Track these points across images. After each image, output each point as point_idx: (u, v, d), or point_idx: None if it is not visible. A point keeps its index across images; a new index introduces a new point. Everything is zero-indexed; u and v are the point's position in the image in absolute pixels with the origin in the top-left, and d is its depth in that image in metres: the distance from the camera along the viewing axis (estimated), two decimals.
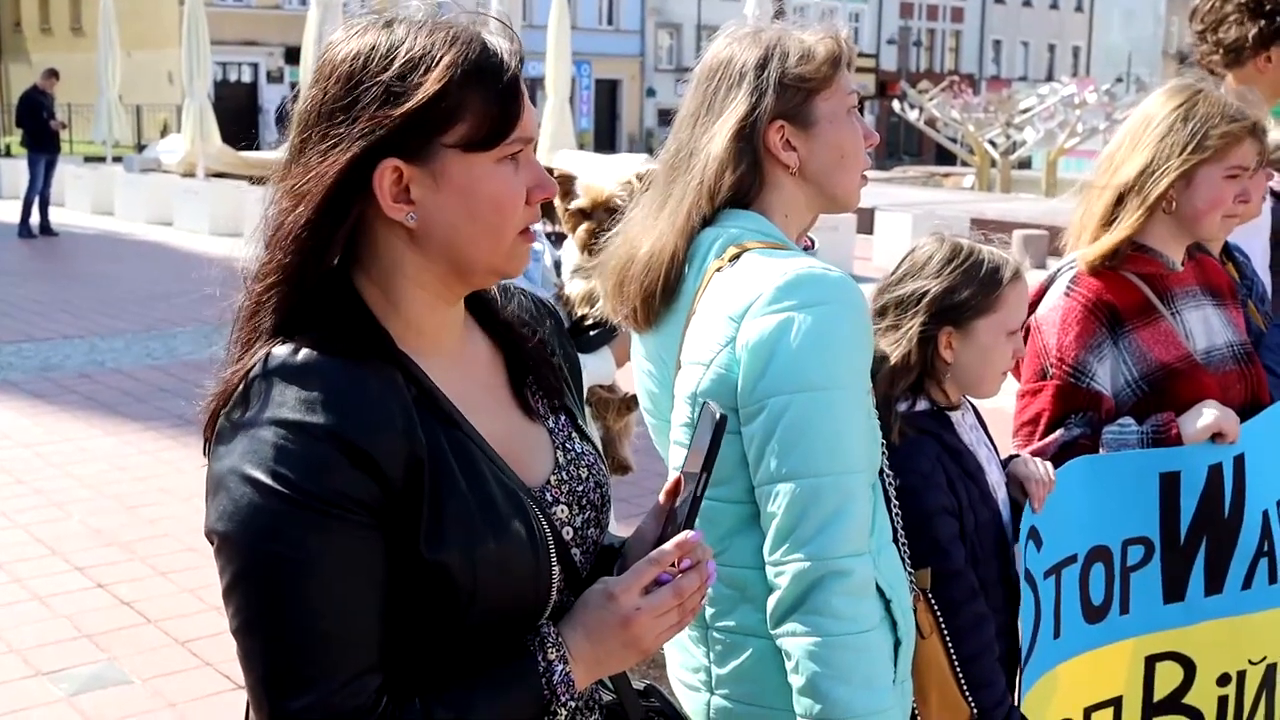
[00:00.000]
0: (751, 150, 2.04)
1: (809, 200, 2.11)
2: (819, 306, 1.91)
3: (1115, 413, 2.72)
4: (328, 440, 1.41)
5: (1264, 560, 2.78)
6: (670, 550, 1.55)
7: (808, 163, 2.06)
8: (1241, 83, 4.06)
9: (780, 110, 2.04)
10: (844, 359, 1.92)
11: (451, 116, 1.49)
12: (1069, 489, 2.55)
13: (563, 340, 1.82)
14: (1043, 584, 2.51)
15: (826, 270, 1.95)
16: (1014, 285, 2.40)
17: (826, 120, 2.06)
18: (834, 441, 1.90)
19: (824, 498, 1.89)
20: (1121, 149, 2.80)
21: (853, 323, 1.94)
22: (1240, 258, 3.42)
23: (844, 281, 1.95)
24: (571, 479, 1.68)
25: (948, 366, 2.39)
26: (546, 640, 1.54)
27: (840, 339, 1.91)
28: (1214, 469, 2.69)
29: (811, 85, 2.05)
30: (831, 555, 1.88)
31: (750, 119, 2.03)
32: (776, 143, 2.05)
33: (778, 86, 2.03)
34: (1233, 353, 2.86)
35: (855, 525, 1.90)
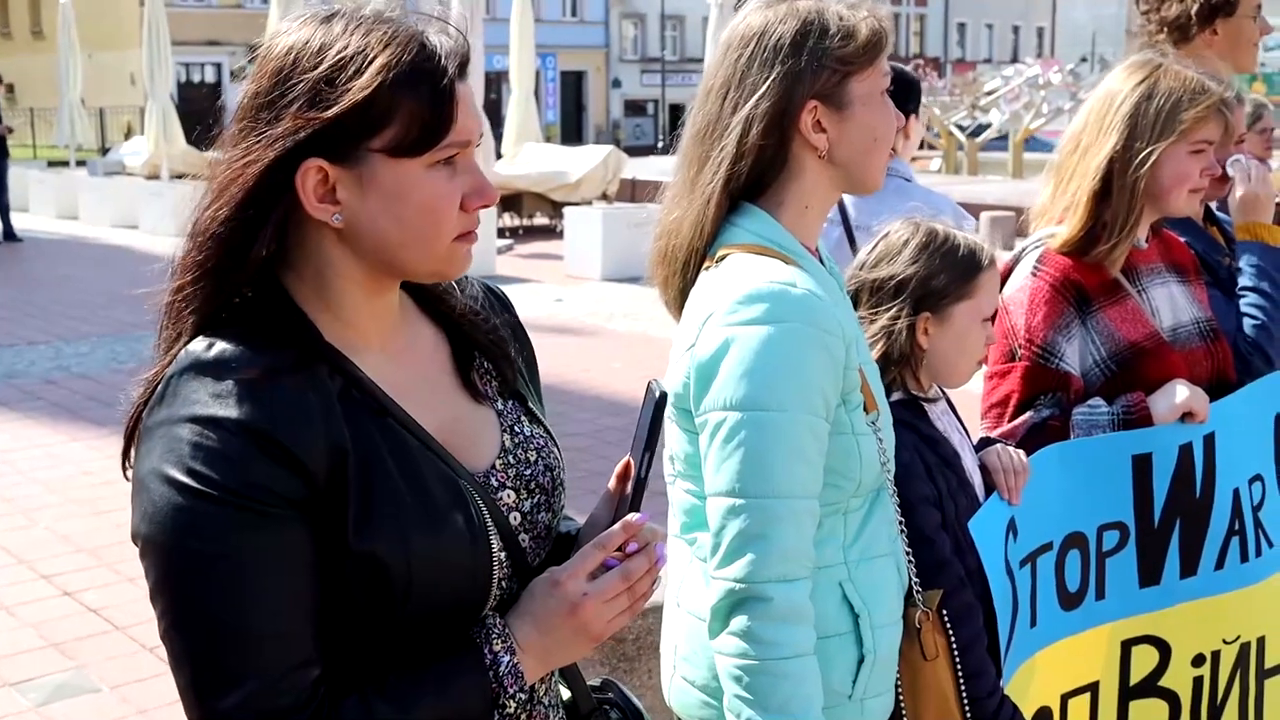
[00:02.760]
0: (781, 132, 1.96)
1: (834, 182, 2.03)
2: (775, 324, 1.85)
3: (1084, 393, 2.69)
4: (243, 434, 1.39)
5: (1235, 539, 2.76)
6: (616, 534, 1.53)
7: (837, 146, 1.98)
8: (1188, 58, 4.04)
9: (815, 91, 1.95)
10: (792, 380, 1.85)
11: (380, 121, 1.44)
12: (1042, 477, 2.52)
13: (517, 330, 1.79)
14: (1019, 573, 2.48)
15: (789, 287, 1.88)
16: (989, 271, 2.36)
17: (861, 103, 1.97)
18: (763, 464, 1.85)
19: (747, 520, 1.85)
20: (1087, 129, 2.77)
21: (809, 344, 1.86)
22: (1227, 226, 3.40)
23: (807, 300, 1.88)
24: (519, 462, 1.64)
25: (924, 354, 2.35)
26: (492, 631, 1.51)
27: (790, 359, 1.85)
28: (1184, 449, 2.67)
29: (851, 67, 1.96)
30: (752, 579, 1.84)
31: (785, 101, 1.95)
32: (808, 124, 1.96)
33: (815, 66, 1.94)
34: (1199, 329, 2.84)
35: (780, 551, 1.85)
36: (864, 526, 2.01)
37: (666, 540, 1.62)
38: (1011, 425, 2.65)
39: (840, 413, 1.94)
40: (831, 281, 2.04)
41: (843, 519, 1.99)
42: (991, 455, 2.47)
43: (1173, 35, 4.14)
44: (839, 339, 1.90)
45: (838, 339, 1.90)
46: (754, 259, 1.95)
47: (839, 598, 1.97)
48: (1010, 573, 2.43)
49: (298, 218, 1.49)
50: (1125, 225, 2.68)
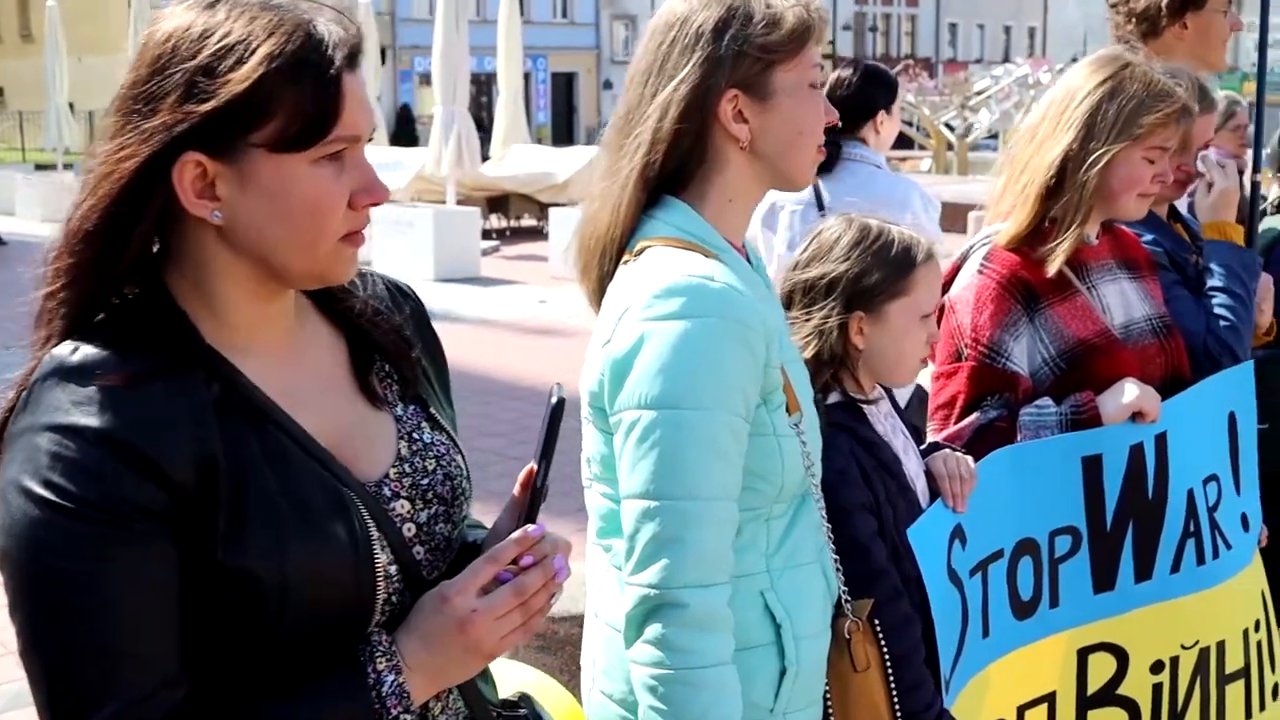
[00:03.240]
0: (700, 121, 1.89)
1: (758, 177, 1.96)
2: (691, 319, 1.78)
3: (1033, 393, 2.61)
4: (103, 444, 1.32)
5: (1190, 541, 2.68)
6: (509, 546, 1.47)
7: (760, 137, 1.91)
8: (1158, 53, 3.96)
9: (736, 80, 1.88)
10: (709, 377, 1.77)
11: (261, 114, 1.37)
12: (991, 482, 2.44)
13: (422, 327, 1.71)
14: (969, 582, 2.40)
15: (708, 281, 1.81)
16: (926, 266, 2.28)
17: (785, 94, 1.90)
18: (678, 464, 1.77)
19: (662, 522, 1.77)
20: (1045, 122, 2.69)
21: (728, 339, 1.79)
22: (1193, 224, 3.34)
23: (726, 294, 1.80)
24: (416, 471, 1.57)
25: (860, 354, 2.27)
26: (377, 649, 1.44)
27: (707, 355, 1.77)
28: (1135, 449, 2.59)
29: (774, 56, 1.89)
30: (667, 585, 1.76)
31: (702, 88, 1.88)
32: (728, 114, 1.89)
33: (736, 54, 1.87)
34: (1151, 326, 2.77)
35: (697, 555, 1.77)
36: (788, 533, 1.94)
37: (569, 551, 1.55)
38: (958, 427, 2.57)
39: (761, 413, 1.86)
40: (756, 278, 1.96)
41: (765, 525, 1.91)
42: (937, 461, 2.39)
43: (1141, 28, 4.07)
44: (759, 335, 1.82)
45: (758, 335, 1.82)
46: (673, 252, 1.87)
47: (760, 607, 1.89)
48: (959, 582, 2.35)
49: (177, 214, 1.42)
50: (1071, 224, 2.61)
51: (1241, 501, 2.83)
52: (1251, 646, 2.81)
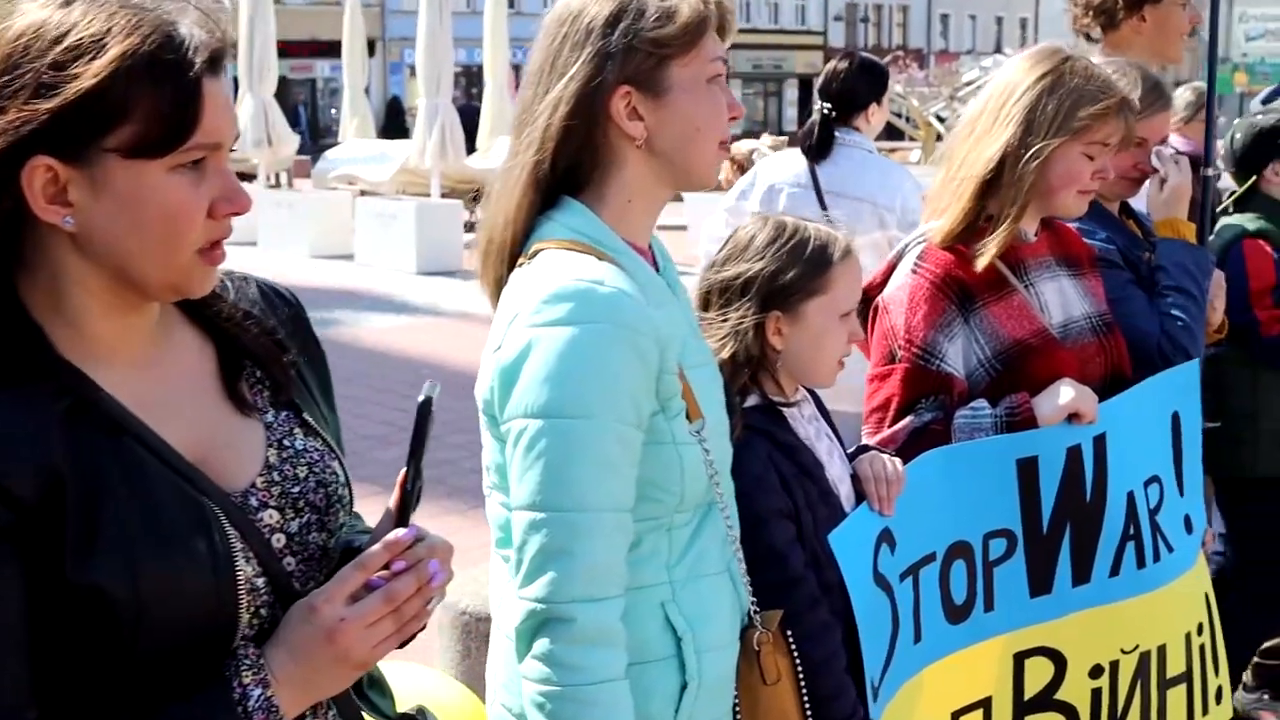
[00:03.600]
0: (590, 119, 1.83)
1: (659, 176, 1.90)
2: (579, 325, 1.73)
3: (969, 395, 2.56)
4: None
5: (1130, 545, 2.63)
6: (378, 553, 1.43)
7: (656, 135, 1.85)
8: (1116, 46, 3.94)
9: (628, 75, 1.82)
10: (597, 385, 1.72)
11: (114, 116, 1.32)
12: (922, 485, 2.40)
13: (300, 331, 1.66)
14: (899, 587, 2.35)
15: (597, 285, 1.75)
16: (844, 264, 2.23)
17: (681, 89, 1.84)
18: (565, 475, 1.72)
19: (549, 535, 1.72)
20: (983, 116, 2.64)
21: (617, 345, 1.73)
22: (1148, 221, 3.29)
23: (616, 299, 1.75)
24: (286, 479, 1.52)
25: (778, 355, 2.22)
26: (243, 663, 1.40)
27: (595, 362, 1.72)
28: (1073, 451, 2.54)
29: (668, 51, 1.83)
30: (554, 599, 1.72)
31: (592, 84, 1.82)
32: (621, 111, 1.83)
33: (627, 49, 1.81)
34: (1091, 324, 2.72)
35: (585, 568, 1.72)
36: (692, 543, 1.89)
37: (449, 555, 1.51)
38: (892, 430, 2.52)
39: (659, 420, 1.81)
40: (658, 281, 1.91)
41: (667, 535, 1.86)
42: (863, 463, 2.34)
43: (1099, 20, 4.03)
44: (651, 341, 1.77)
45: (650, 341, 1.77)
46: (565, 255, 1.82)
47: (661, 620, 1.84)
48: (887, 586, 2.31)
49: (30, 221, 1.36)
50: (1006, 219, 2.56)
51: (1185, 503, 2.78)
52: (1194, 650, 2.77)
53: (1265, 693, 4.44)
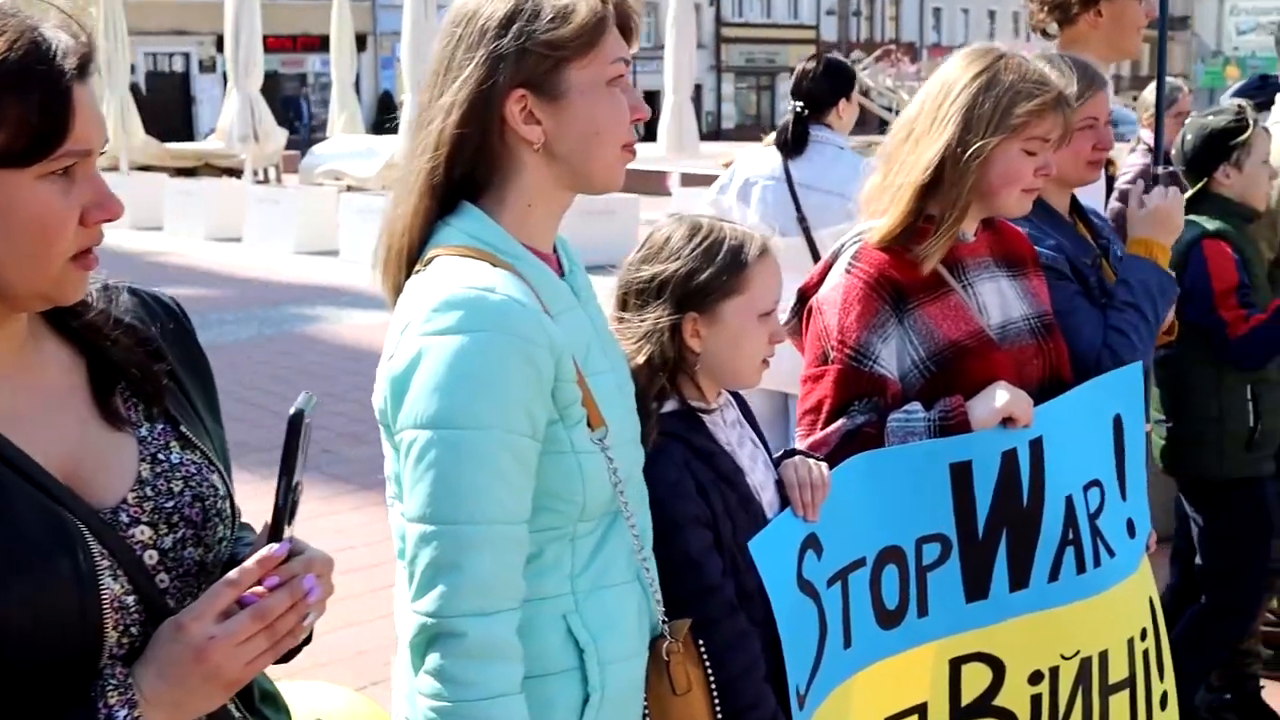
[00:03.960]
0: (485, 124, 1.78)
1: (559, 179, 1.85)
2: (469, 333, 1.69)
3: (903, 397, 2.51)
4: None
5: (1070, 549, 2.58)
6: (250, 569, 1.40)
7: (554, 139, 1.80)
8: (1073, 41, 3.91)
9: (523, 78, 1.77)
10: (487, 394, 1.68)
11: None
12: (850, 489, 2.35)
13: (182, 340, 1.63)
14: (827, 593, 2.31)
15: (488, 293, 1.71)
16: (761, 263, 2.19)
17: (578, 92, 1.79)
18: (455, 487, 1.68)
19: (438, 548, 1.68)
20: (920, 117, 2.60)
21: (507, 354, 1.69)
22: (1096, 220, 3.26)
23: (506, 307, 1.71)
24: (159, 494, 1.49)
25: (697, 357, 2.18)
26: (109, 684, 1.36)
27: (485, 372, 1.68)
28: (1008, 455, 2.49)
29: (564, 53, 1.77)
30: (444, 614, 1.68)
31: (485, 88, 1.76)
32: (516, 115, 1.78)
33: (521, 51, 1.76)
34: (1030, 326, 2.67)
35: (475, 582, 1.68)
36: (597, 553, 1.85)
37: (328, 569, 1.48)
38: (824, 433, 2.48)
39: (557, 430, 1.77)
40: (560, 286, 1.87)
41: (570, 545, 1.82)
42: (788, 469, 2.30)
43: (1054, 15, 4.00)
44: (544, 349, 1.73)
45: (542, 349, 1.73)
46: (460, 262, 1.78)
47: (563, 632, 1.81)
48: (814, 592, 2.26)
49: None
50: (949, 221, 2.52)
51: (1128, 507, 2.74)
52: (1137, 656, 2.72)
53: (1226, 693, 4.41)
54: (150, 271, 16.04)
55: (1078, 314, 2.86)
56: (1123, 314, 2.92)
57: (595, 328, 1.92)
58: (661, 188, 19.55)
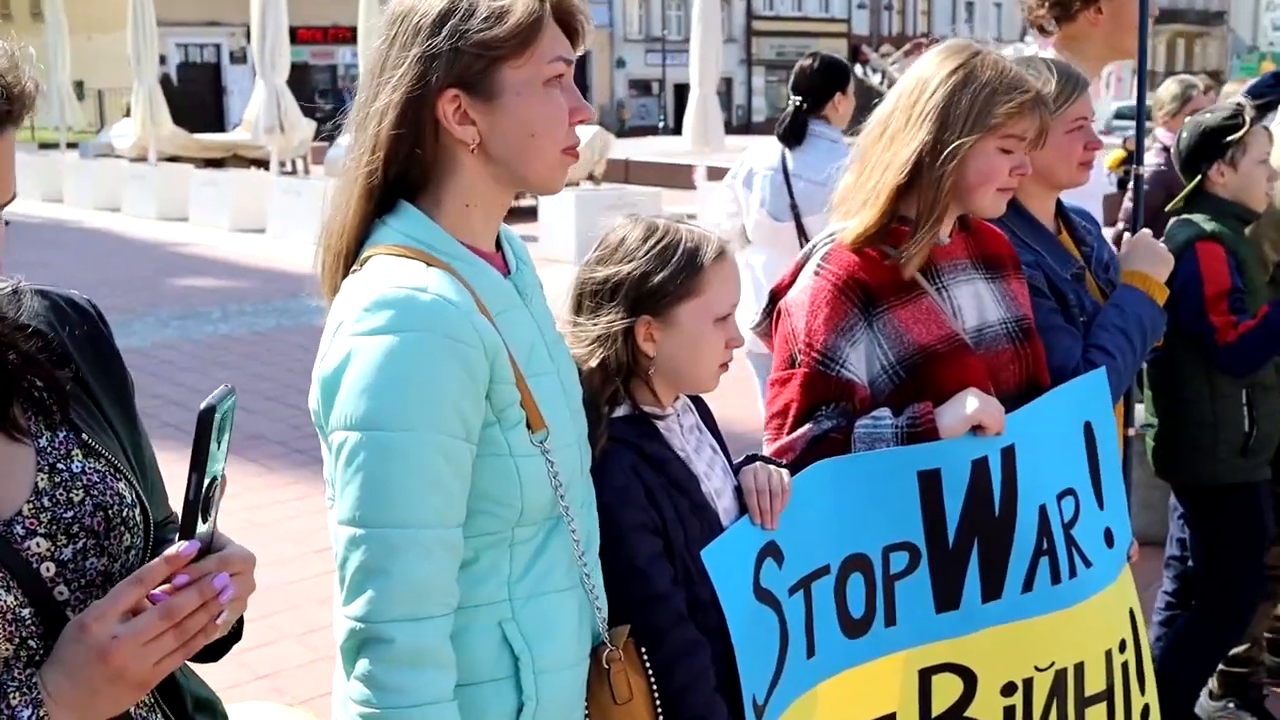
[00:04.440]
0: (418, 124, 1.75)
1: (497, 180, 1.81)
2: (398, 333, 1.66)
3: (872, 402, 2.47)
4: None
5: (1044, 560, 2.52)
6: (157, 567, 1.37)
7: (490, 140, 1.77)
8: (1071, 38, 3.85)
9: (456, 78, 1.74)
10: (417, 396, 1.65)
11: None
12: (814, 495, 2.31)
13: (95, 344, 1.60)
14: (788, 601, 2.26)
15: (418, 292, 1.68)
16: (718, 266, 2.14)
17: (514, 92, 1.75)
18: (384, 490, 1.65)
19: (368, 552, 1.66)
20: (895, 115, 2.54)
21: (438, 355, 1.66)
22: (1082, 222, 3.19)
23: (438, 306, 1.68)
24: (57, 504, 1.46)
25: (651, 361, 2.13)
26: (9, 685, 1.35)
27: (415, 373, 1.65)
28: (978, 464, 2.43)
29: (499, 53, 1.73)
30: (372, 619, 1.65)
31: (418, 88, 1.73)
32: (450, 116, 1.75)
33: (454, 51, 1.72)
34: (1006, 330, 2.61)
35: (405, 587, 1.65)
36: (536, 559, 1.81)
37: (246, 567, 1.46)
38: (790, 438, 2.43)
39: (494, 432, 1.74)
40: (502, 286, 1.83)
41: (508, 551, 1.79)
42: (747, 475, 2.25)
43: (1054, 11, 3.93)
44: (478, 350, 1.70)
45: (475, 350, 1.69)
46: (394, 261, 1.75)
47: (498, 639, 1.77)
48: (774, 601, 2.22)
49: None
50: (927, 222, 2.46)
51: (1105, 516, 2.68)
52: (1115, 668, 2.67)
53: (1231, 701, 4.35)
54: (175, 262, 16.12)
55: (1053, 331, 2.79)
56: (1111, 336, 2.86)
57: (540, 327, 1.89)
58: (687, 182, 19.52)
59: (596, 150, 20.77)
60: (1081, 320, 2.89)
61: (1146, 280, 2.98)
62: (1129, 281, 2.99)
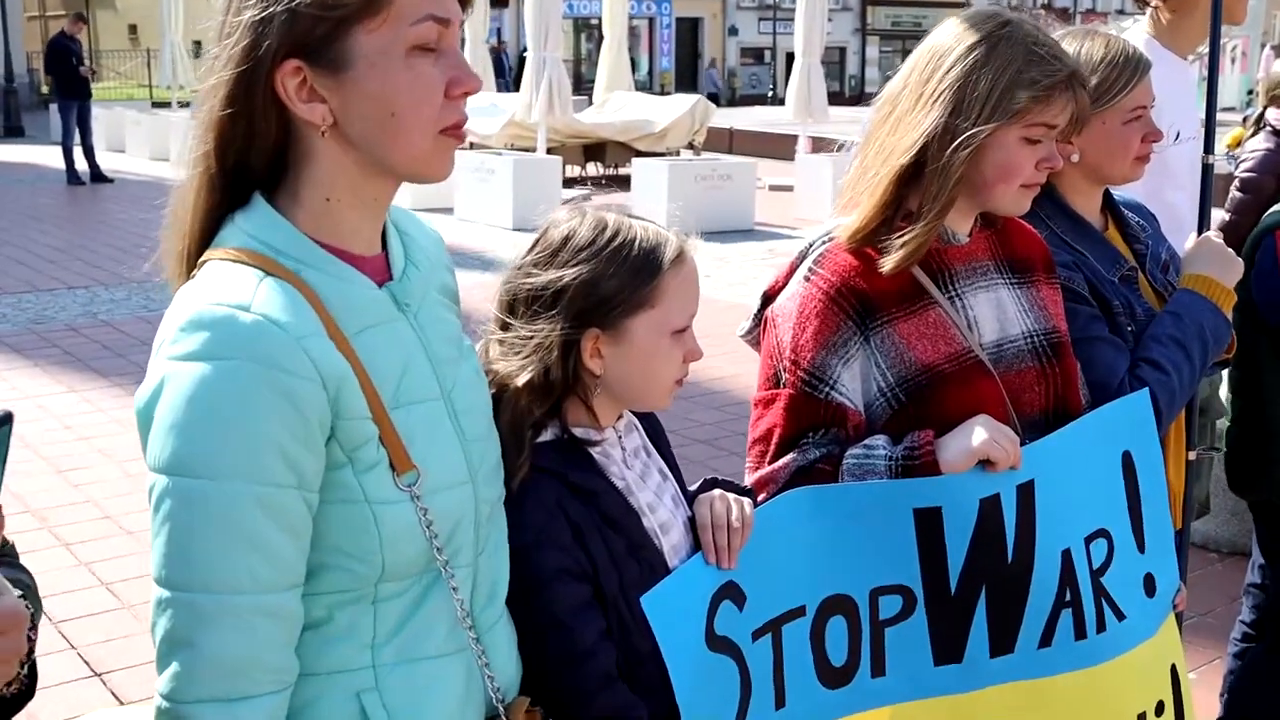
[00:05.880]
0: (252, 102, 1.47)
1: (361, 168, 1.52)
2: (212, 361, 1.40)
3: (868, 429, 2.14)
4: None
5: (1067, 612, 2.18)
6: None
7: (344, 121, 1.48)
8: (1177, 10, 3.52)
9: (296, 46, 1.45)
10: (231, 438, 1.39)
11: None
12: (789, 527, 2.01)
13: None
14: (751, 647, 1.97)
15: (239, 312, 1.42)
16: (676, 272, 1.85)
17: (367, 62, 1.45)
18: (189, 548, 1.39)
19: (173, 618, 1.41)
20: (905, 94, 2.20)
21: (257, 388, 1.39)
22: (1136, 217, 2.81)
23: (259, 329, 1.41)
24: None
25: (597, 380, 1.85)
26: None
27: (229, 409, 1.39)
28: (988, 503, 2.09)
29: (343, 12, 1.44)
30: (176, 698, 1.41)
31: (251, 59, 1.45)
32: (292, 91, 1.46)
33: (291, 12, 1.44)
34: (1032, 345, 2.26)
35: (213, 663, 1.40)
36: (409, 620, 1.55)
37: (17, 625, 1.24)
38: (771, 469, 2.12)
39: (344, 475, 1.47)
40: (373, 297, 1.55)
41: (371, 610, 1.53)
42: (702, 506, 1.95)
43: None
44: (310, 382, 1.42)
45: (307, 382, 1.42)
46: (226, 269, 1.48)
47: (354, 713, 1.51)
48: (732, 648, 1.92)
49: None
50: (928, 217, 2.12)
51: (1146, 561, 2.32)
52: None
53: None
54: None
55: (1094, 342, 2.45)
56: (1165, 348, 2.49)
57: (425, 343, 1.60)
58: (790, 152, 19.06)
59: (697, 118, 20.40)
60: (1130, 330, 2.54)
61: (1210, 284, 2.60)
62: (1190, 286, 2.61)
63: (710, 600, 1.90)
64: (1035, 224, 2.50)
